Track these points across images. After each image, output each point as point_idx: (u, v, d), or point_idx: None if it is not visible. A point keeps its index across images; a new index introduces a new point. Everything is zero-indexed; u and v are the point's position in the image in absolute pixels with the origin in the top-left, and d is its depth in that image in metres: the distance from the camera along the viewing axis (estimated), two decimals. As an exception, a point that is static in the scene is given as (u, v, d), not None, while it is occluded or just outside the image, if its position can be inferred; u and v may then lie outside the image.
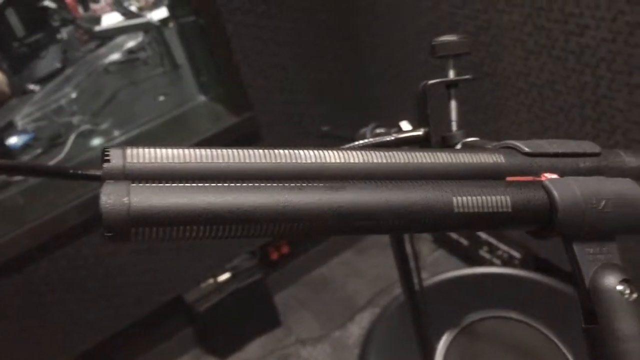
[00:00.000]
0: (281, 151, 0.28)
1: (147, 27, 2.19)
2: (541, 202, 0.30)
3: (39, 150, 1.84)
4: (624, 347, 0.28)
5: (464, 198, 0.28)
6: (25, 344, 1.66)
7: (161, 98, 2.02)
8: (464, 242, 1.92)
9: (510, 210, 0.29)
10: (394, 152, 0.30)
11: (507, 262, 1.74)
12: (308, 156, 0.28)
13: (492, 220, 0.29)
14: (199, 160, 0.26)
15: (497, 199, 0.29)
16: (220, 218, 0.24)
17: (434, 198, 0.27)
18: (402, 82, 1.81)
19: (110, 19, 2.44)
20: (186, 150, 0.26)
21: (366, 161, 0.29)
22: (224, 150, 0.27)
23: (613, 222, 0.30)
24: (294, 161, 0.28)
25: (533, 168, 0.32)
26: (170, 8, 1.87)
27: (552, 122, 1.35)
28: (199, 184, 0.25)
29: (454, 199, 0.28)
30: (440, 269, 1.91)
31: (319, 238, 2.09)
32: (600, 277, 0.30)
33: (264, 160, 0.27)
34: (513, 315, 0.83)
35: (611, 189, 0.30)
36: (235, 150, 0.27)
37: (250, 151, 0.27)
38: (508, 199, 0.29)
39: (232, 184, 0.25)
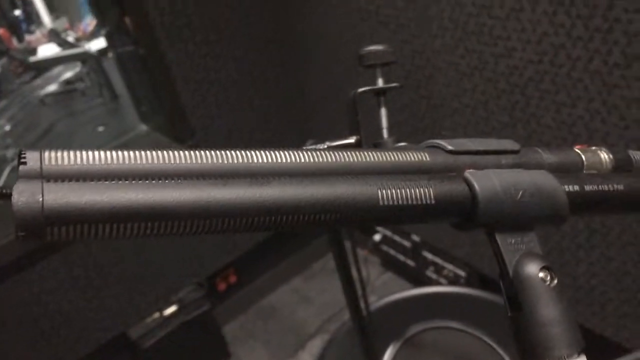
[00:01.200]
0: (206, 152, 0.28)
1: (85, 57, 2.15)
2: (463, 194, 0.31)
3: (-31, 186, 1.76)
4: (546, 332, 0.29)
5: (389, 191, 0.28)
6: (-45, 392, 1.55)
7: (100, 128, 1.98)
8: (411, 263, 1.94)
9: (433, 202, 0.30)
10: (321, 152, 0.30)
11: (453, 281, 1.77)
12: (234, 156, 0.28)
13: (416, 213, 0.30)
14: (121, 162, 0.25)
15: (420, 192, 0.29)
16: (142, 215, 0.24)
17: (359, 191, 0.28)
18: (343, 108, 1.83)
19: (47, 50, 2.39)
20: (107, 152, 0.26)
21: (293, 160, 0.29)
22: (147, 152, 0.27)
23: (531, 211, 0.31)
24: (219, 161, 0.27)
25: (456, 165, 0.33)
26: (109, 38, 1.85)
27: (487, 140, 1.39)
28: (119, 182, 0.24)
29: (379, 192, 0.28)
30: (388, 290, 1.92)
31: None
32: (522, 266, 0.30)
33: (188, 161, 0.27)
34: (453, 325, 0.85)
35: (528, 179, 0.32)
36: (158, 152, 0.27)
37: (174, 152, 0.27)
38: (431, 191, 0.30)
39: (154, 182, 0.25)
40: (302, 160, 0.29)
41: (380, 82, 0.46)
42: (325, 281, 2.11)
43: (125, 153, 0.26)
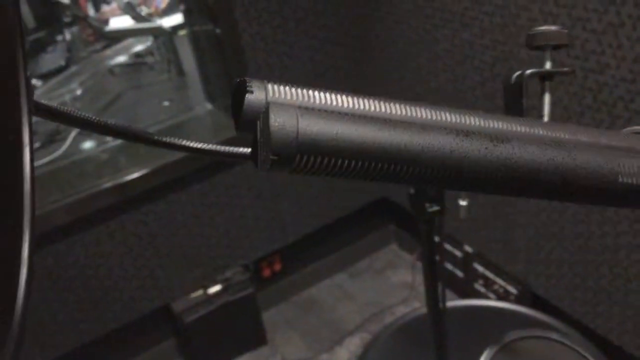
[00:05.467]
0: (441, 109, 0.27)
1: (159, 32, 2.18)
2: None
3: (37, 145, 1.81)
4: None
5: (630, 168, 0.27)
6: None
7: (166, 103, 2.00)
8: (459, 274, 1.91)
9: None
10: (533, 123, 0.29)
11: (503, 297, 1.73)
12: (473, 119, 0.27)
13: None
14: (343, 105, 0.24)
15: None
16: (388, 155, 0.23)
17: (600, 163, 0.26)
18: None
19: (119, 22, 2.43)
20: (330, 94, 0.25)
21: (524, 129, 0.28)
22: (372, 100, 0.25)
23: None
24: (456, 120, 0.26)
25: None
26: (187, 15, 1.87)
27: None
28: (368, 117, 0.23)
29: (620, 167, 0.26)
30: (433, 298, 1.89)
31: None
32: None
33: (415, 114, 0.26)
34: (554, 336, 0.82)
35: None
36: (381, 102, 0.25)
37: (398, 104, 0.26)
38: None
39: (400, 122, 0.24)
40: (532, 130, 0.28)
41: (548, 66, 0.44)
42: (369, 280, 2.09)
43: (349, 98, 0.25)
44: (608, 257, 1.36)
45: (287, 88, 0.24)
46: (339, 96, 0.24)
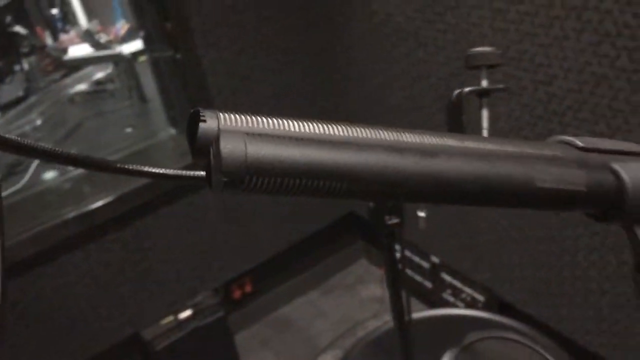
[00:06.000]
0: (378, 129, 0.29)
1: (118, 59, 2.18)
2: (612, 184, 0.32)
3: (-3, 177, 1.78)
4: None
5: (545, 174, 0.29)
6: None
7: (129, 130, 2.00)
8: (428, 285, 1.94)
9: (584, 189, 0.31)
10: (474, 137, 0.31)
11: (471, 305, 1.77)
12: (406, 136, 0.29)
13: (566, 199, 0.30)
14: (294, 130, 0.27)
15: (574, 178, 0.30)
16: (328, 173, 0.25)
17: (519, 171, 0.29)
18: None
19: (78, 50, 2.42)
20: (281, 120, 0.27)
21: (454, 144, 0.30)
22: (315, 123, 0.28)
23: None
24: (392, 138, 0.28)
25: (587, 163, 0.34)
26: (146, 41, 1.88)
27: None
28: (311, 139, 0.26)
29: (537, 174, 0.29)
30: (404, 311, 1.91)
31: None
32: None
33: (354, 135, 0.28)
34: (513, 336, 0.84)
35: None
36: (323, 124, 0.28)
37: (339, 126, 0.28)
38: (584, 178, 0.31)
39: (340, 144, 0.26)
40: (454, 144, 0.30)
41: (484, 84, 0.47)
42: (341, 296, 2.10)
43: (299, 123, 0.27)
44: (568, 260, 1.40)
45: (237, 116, 0.26)
46: (284, 121, 0.27)
